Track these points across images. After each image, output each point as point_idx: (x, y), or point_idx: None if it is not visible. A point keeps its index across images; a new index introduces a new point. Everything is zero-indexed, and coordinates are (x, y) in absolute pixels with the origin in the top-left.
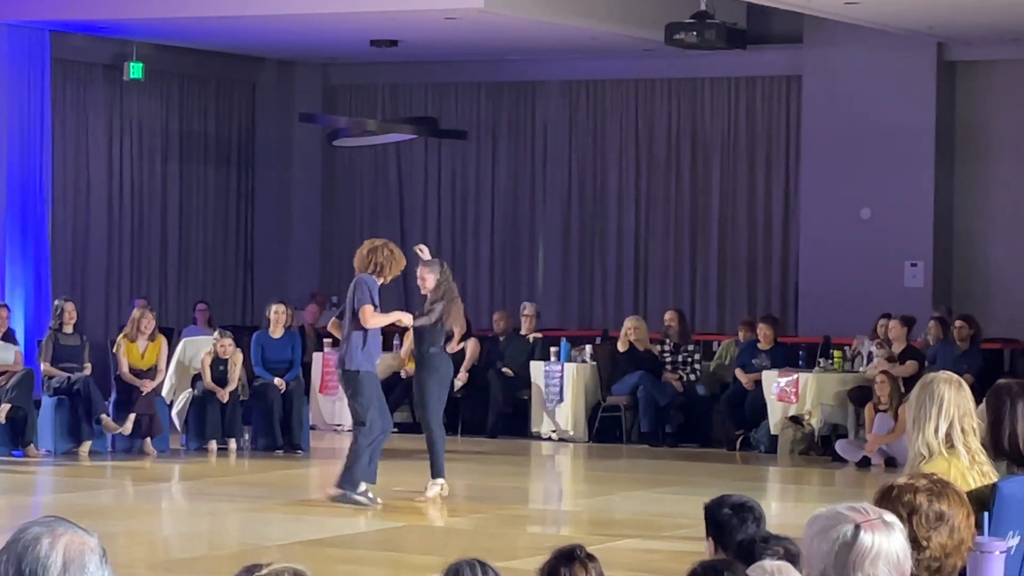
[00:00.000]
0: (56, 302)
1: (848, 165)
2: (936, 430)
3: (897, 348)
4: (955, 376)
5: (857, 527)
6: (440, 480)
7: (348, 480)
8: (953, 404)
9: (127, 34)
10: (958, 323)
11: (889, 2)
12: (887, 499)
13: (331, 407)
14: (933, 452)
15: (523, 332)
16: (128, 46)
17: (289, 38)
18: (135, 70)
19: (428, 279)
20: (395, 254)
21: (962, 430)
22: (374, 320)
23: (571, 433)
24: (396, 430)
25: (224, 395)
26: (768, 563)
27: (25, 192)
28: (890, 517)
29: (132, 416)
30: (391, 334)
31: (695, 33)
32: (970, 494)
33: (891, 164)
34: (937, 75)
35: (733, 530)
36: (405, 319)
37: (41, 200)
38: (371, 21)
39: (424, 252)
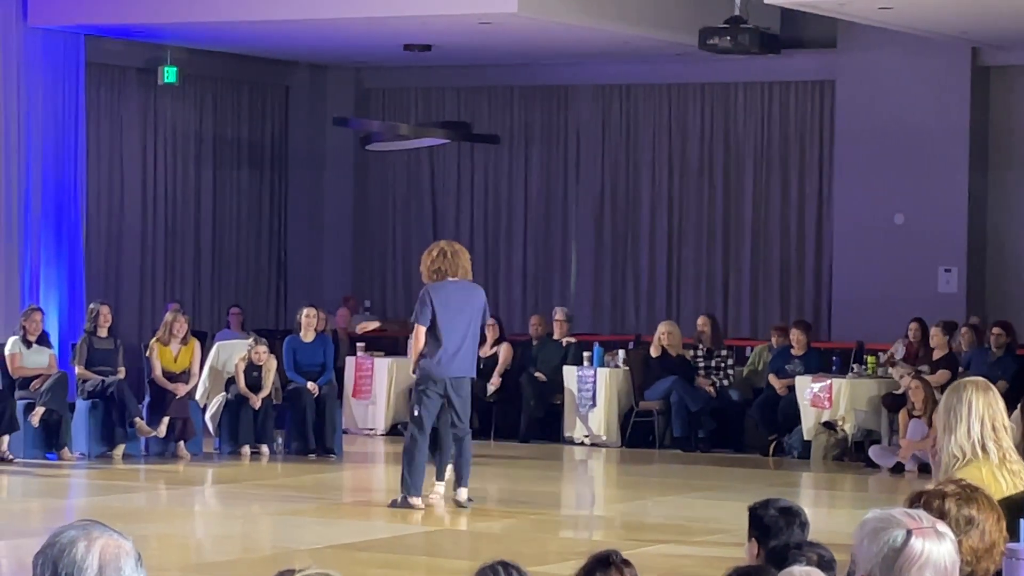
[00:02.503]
0: (92, 305)
1: (881, 170)
2: (968, 431)
3: (938, 355)
4: (982, 380)
5: (909, 533)
6: None
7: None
8: (983, 404)
9: (161, 38)
10: (995, 330)
11: (923, 7)
12: (916, 505)
13: (364, 411)
14: (966, 453)
15: (555, 337)
16: (162, 50)
17: (322, 42)
18: (169, 74)
19: None
20: (454, 254)
21: (993, 428)
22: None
23: (603, 438)
24: None
25: (257, 402)
26: (797, 569)
27: (59, 196)
28: (943, 527)
29: (166, 419)
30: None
31: (729, 38)
32: (1004, 501)
33: (925, 169)
34: (971, 80)
35: (779, 532)
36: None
37: (75, 204)
38: (404, 25)
39: None
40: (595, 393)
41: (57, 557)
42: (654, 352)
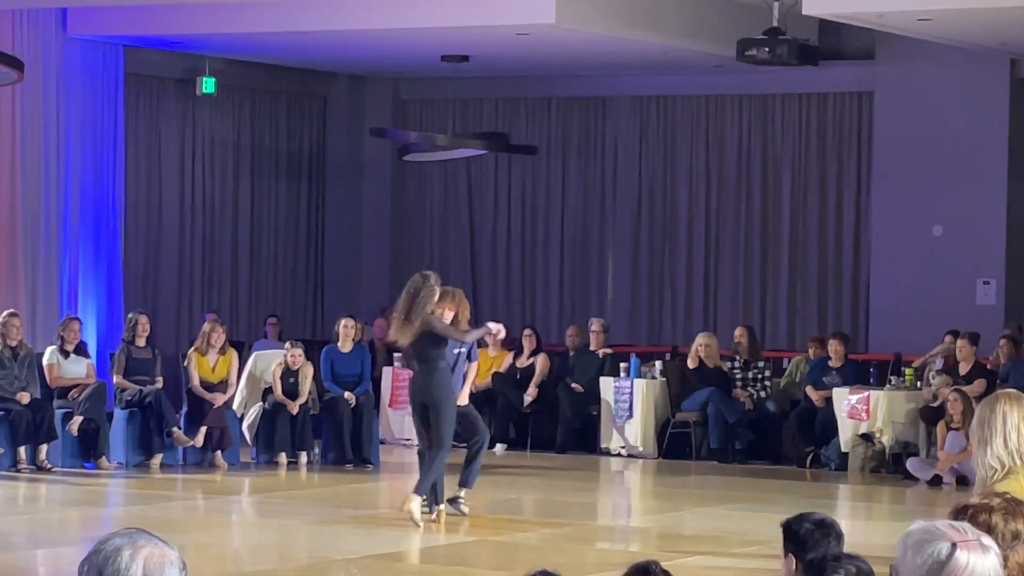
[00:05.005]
0: (130, 315)
1: (920, 181)
2: (1005, 441)
3: (965, 368)
4: (1015, 391)
5: (954, 546)
6: None
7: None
8: (1018, 415)
9: (200, 49)
10: None
11: (962, 18)
12: (961, 519)
13: (401, 421)
14: (1004, 464)
15: (592, 348)
16: (201, 61)
17: (360, 53)
18: (207, 85)
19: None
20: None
21: None
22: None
23: (640, 449)
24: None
25: (294, 407)
26: None
27: (98, 206)
28: (988, 540)
29: (203, 429)
30: None
31: (767, 49)
32: None
33: (963, 181)
34: (1010, 91)
35: (816, 545)
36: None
37: (114, 214)
38: (442, 36)
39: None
40: (632, 404)
41: (102, 565)
42: (691, 363)
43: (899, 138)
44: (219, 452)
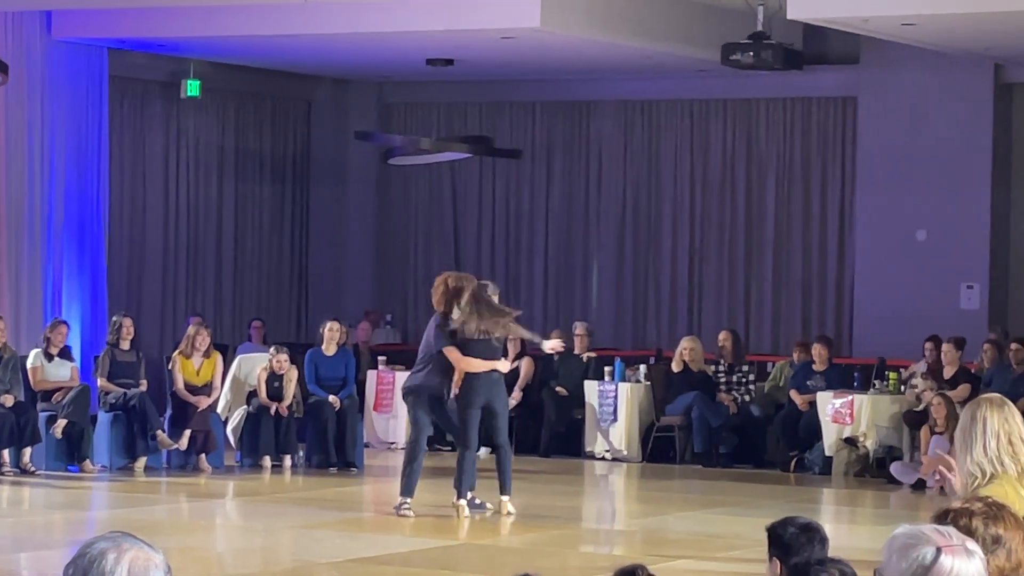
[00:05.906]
0: (114, 318)
1: (904, 186)
2: (985, 448)
3: (949, 372)
4: (998, 396)
5: (938, 550)
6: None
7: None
8: (998, 421)
9: (184, 52)
10: (1014, 346)
11: (946, 23)
12: (943, 523)
13: (385, 425)
14: (985, 472)
15: (576, 351)
16: (185, 64)
17: (345, 56)
18: (192, 88)
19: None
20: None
21: (1009, 443)
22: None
23: (624, 453)
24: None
25: (282, 409)
26: None
27: (82, 208)
28: (973, 545)
29: (187, 432)
30: None
31: (751, 53)
32: None
33: (947, 185)
34: (994, 96)
35: (800, 549)
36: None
37: (98, 217)
38: (427, 40)
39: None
40: (616, 408)
41: (87, 568)
42: (675, 367)
43: (883, 142)
44: (203, 455)
